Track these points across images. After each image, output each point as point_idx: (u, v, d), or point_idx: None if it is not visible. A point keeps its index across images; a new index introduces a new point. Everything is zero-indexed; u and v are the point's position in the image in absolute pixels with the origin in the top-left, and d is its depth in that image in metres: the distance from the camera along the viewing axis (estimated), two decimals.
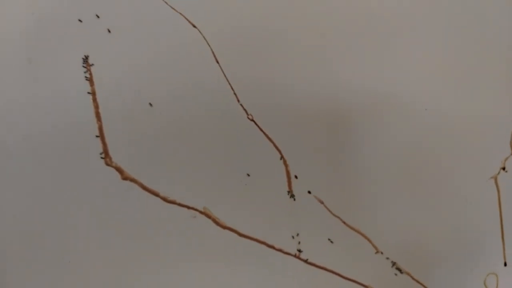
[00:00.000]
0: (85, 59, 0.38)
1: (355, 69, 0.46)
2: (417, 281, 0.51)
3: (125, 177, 0.39)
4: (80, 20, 0.38)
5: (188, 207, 0.42)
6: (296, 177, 0.45)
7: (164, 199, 0.41)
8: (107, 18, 0.39)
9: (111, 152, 0.39)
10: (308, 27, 0.45)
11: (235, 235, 0.43)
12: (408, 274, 0.50)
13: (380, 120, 0.48)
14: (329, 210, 0.46)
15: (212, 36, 0.42)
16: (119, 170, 0.39)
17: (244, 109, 0.43)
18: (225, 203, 0.43)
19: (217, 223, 0.42)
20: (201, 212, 0.42)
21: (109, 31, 0.39)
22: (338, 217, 0.47)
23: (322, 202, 0.46)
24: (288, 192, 0.45)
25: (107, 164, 0.39)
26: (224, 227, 0.43)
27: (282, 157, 0.44)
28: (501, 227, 0.54)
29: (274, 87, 0.44)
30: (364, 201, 0.47)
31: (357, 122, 0.47)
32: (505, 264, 0.55)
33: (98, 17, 0.39)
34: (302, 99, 0.45)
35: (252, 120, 0.43)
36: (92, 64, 0.39)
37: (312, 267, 0.46)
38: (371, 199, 0.48)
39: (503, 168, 0.54)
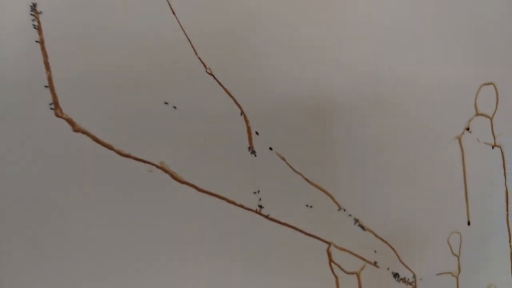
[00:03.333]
0: (33, 7, 0.37)
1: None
2: (381, 239, 0.51)
3: (76, 129, 0.38)
4: None
5: (144, 161, 0.41)
6: (257, 133, 0.45)
7: (119, 153, 0.40)
8: None
9: (61, 104, 0.38)
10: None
11: (194, 190, 0.43)
12: (371, 231, 0.51)
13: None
14: (291, 167, 0.46)
15: None
16: (70, 122, 0.38)
17: (202, 63, 0.42)
18: (184, 158, 0.42)
19: (174, 178, 0.42)
20: (157, 167, 0.41)
21: None
22: (300, 174, 0.47)
23: (283, 159, 0.46)
24: (249, 148, 0.44)
25: (57, 116, 0.38)
26: (182, 182, 0.42)
27: (242, 113, 0.44)
28: (465, 187, 0.55)
29: (233, 40, 0.43)
30: (325, 157, 0.47)
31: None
32: (469, 223, 0.56)
33: None
34: (263, 55, 0.44)
35: (211, 74, 0.43)
36: (41, 12, 0.37)
37: (274, 223, 0.46)
38: (333, 156, 0.48)
39: (467, 129, 0.55)
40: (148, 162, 0.41)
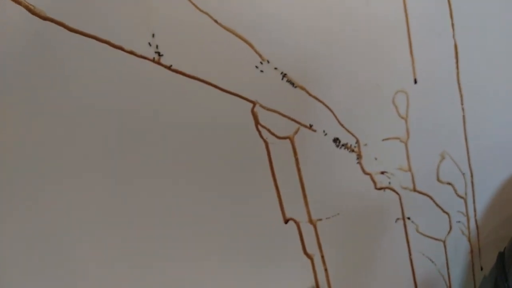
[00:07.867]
0: None
1: None
2: (315, 98, 0.44)
3: None
4: None
5: None
6: None
7: None
8: None
9: None
10: None
11: (63, 29, 0.33)
12: (302, 88, 0.43)
13: None
14: (194, 4, 0.37)
15: None
16: None
17: None
18: None
19: (33, 12, 0.32)
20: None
21: None
22: (207, 13, 0.37)
23: None
24: None
25: None
26: (45, 18, 0.32)
27: None
28: (409, 38, 0.48)
29: None
30: None
31: None
32: (415, 81, 0.50)
33: None
34: None
35: None
36: None
37: (179, 76, 0.37)
38: None
39: None
40: None
